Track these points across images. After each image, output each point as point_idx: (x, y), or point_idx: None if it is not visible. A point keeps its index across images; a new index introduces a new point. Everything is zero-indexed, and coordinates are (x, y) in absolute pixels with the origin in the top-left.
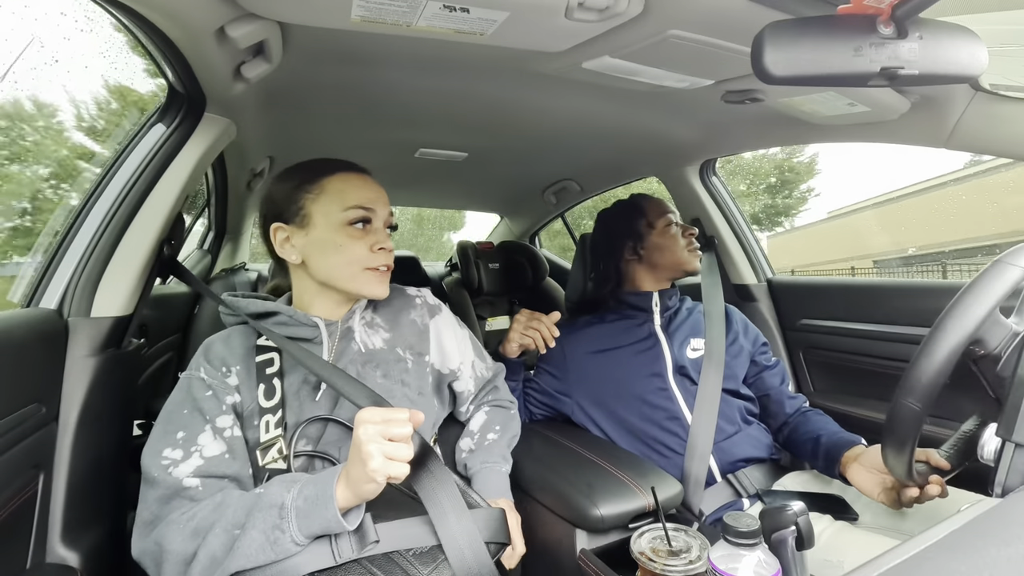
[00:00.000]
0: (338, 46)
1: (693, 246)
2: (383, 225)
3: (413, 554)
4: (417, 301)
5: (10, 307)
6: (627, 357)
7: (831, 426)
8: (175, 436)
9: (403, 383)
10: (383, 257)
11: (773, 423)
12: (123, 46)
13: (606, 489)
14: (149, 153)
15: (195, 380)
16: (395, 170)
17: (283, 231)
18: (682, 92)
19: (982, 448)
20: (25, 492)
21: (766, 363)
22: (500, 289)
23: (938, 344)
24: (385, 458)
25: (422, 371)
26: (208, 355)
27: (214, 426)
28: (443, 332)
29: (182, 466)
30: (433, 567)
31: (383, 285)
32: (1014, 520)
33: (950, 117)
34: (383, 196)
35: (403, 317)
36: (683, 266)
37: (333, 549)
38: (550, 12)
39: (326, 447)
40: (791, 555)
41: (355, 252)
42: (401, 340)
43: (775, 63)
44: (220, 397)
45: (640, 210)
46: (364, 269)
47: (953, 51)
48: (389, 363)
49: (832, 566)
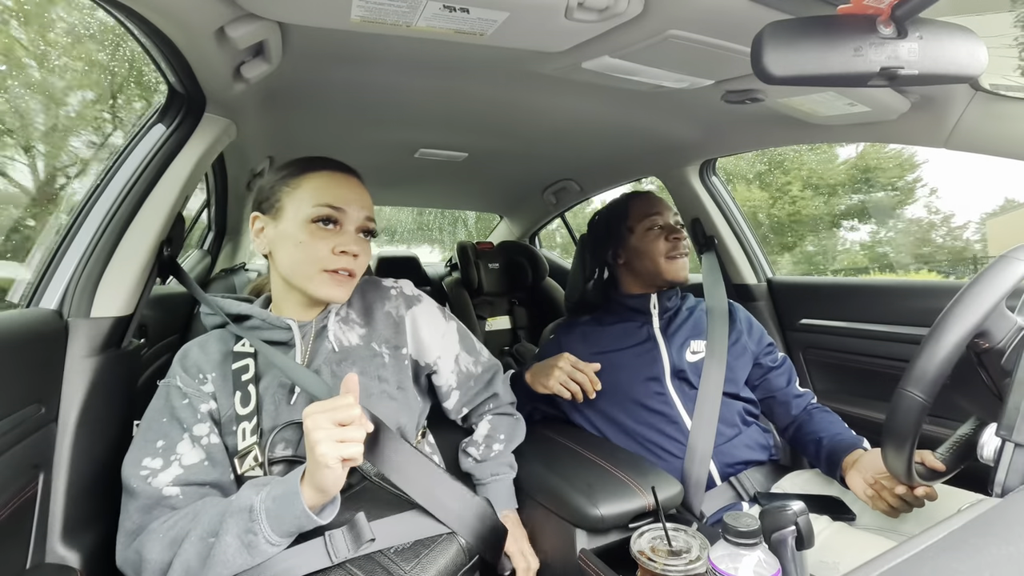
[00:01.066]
0: (338, 46)
1: (676, 251)
2: (355, 229)
3: (394, 551)
4: (392, 292)
5: (10, 307)
6: (625, 360)
7: (834, 427)
8: (154, 445)
9: (380, 379)
10: (344, 261)
11: (779, 423)
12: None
13: (606, 489)
14: (149, 153)
15: (172, 388)
16: (395, 170)
17: (260, 220)
18: (682, 92)
19: (982, 448)
20: (25, 492)
21: (772, 364)
22: (500, 289)
23: (945, 333)
24: (335, 442)
25: (400, 364)
26: (184, 363)
27: (192, 434)
28: (419, 323)
29: (161, 475)
30: (415, 562)
31: (340, 289)
32: (1014, 520)
33: (950, 117)
34: (361, 199)
35: (377, 310)
36: (661, 275)
37: (328, 550)
38: (550, 12)
39: (305, 451)
40: (791, 555)
41: (316, 251)
42: (376, 335)
43: (775, 63)
44: (195, 405)
45: (623, 212)
46: (322, 270)
47: (953, 51)
48: (365, 360)
49: (828, 567)
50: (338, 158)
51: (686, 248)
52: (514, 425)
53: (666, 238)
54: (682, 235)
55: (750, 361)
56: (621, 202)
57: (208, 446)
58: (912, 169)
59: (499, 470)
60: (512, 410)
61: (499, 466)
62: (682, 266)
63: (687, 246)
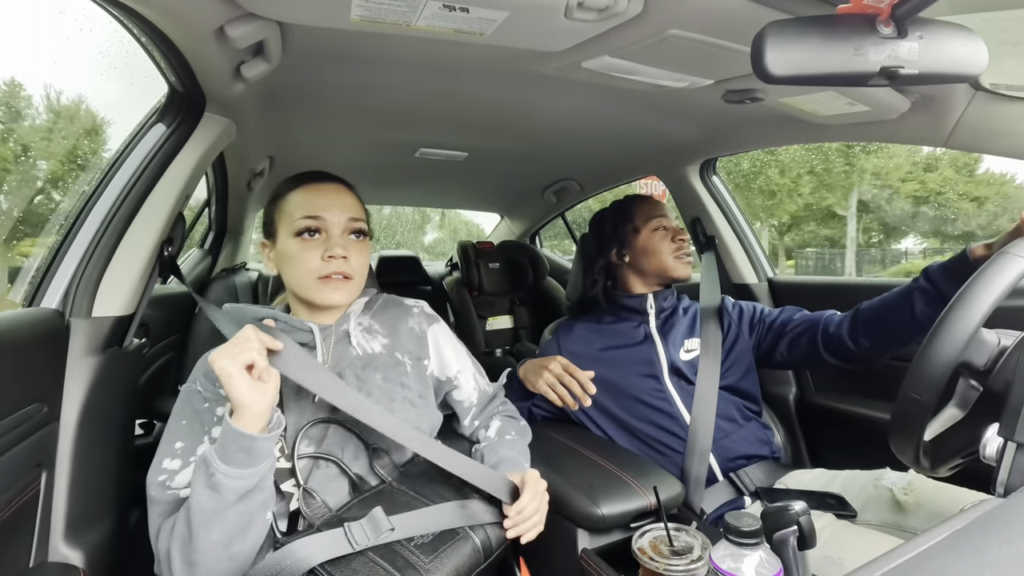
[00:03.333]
0: (338, 46)
1: (682, 251)
2: (341, 232)
3: (415, 545)
4: (415, 310)
5: (11, 307)
6: (623, 358)
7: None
8: (173, 447)
9: (403, 385)
10: (334, 265)
11: (841, 338)
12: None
13: (607, 489)
14: (149, 153)
15: (192, 392)
16: (395, 170)
17: (266, 246)
18: (682, 92)
19: (984, 448)
20: (28, 491)
21: (773, 318)
22: (500, 289)
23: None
24: (231, 357)
25: (422, 375)
26: (206, 367)
27: (211, 436)
28: (440, 340)
29: (179, 477)
30: (434, 556)
31: (338, 293)
32: (1016, 520)
33: (950, 116)
34: (340, 203)
35: (401, 325)
36: (668, 272)
37: (349, 538)
38: (550, 12)
39: (329, 448)
40: (793, 555)
41: (307, 262)
42: (399, 346)
43: (775, 63)
44: (214, 409)
45: (628, 213)
46: (316, 279)
47: (953, 50)
48: (388, 367)
49: (833, 563)
50: (337, 158)
51: (691, 249)
52: (523, 429)
53: (672, 239)
54: (686, 237)
55: (749, 350)
56: (626, 203)
57: None
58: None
59: (512, 453)
60: (519, 416)
61: (514, 450)
62: (686, 265)
63: (691, 248)
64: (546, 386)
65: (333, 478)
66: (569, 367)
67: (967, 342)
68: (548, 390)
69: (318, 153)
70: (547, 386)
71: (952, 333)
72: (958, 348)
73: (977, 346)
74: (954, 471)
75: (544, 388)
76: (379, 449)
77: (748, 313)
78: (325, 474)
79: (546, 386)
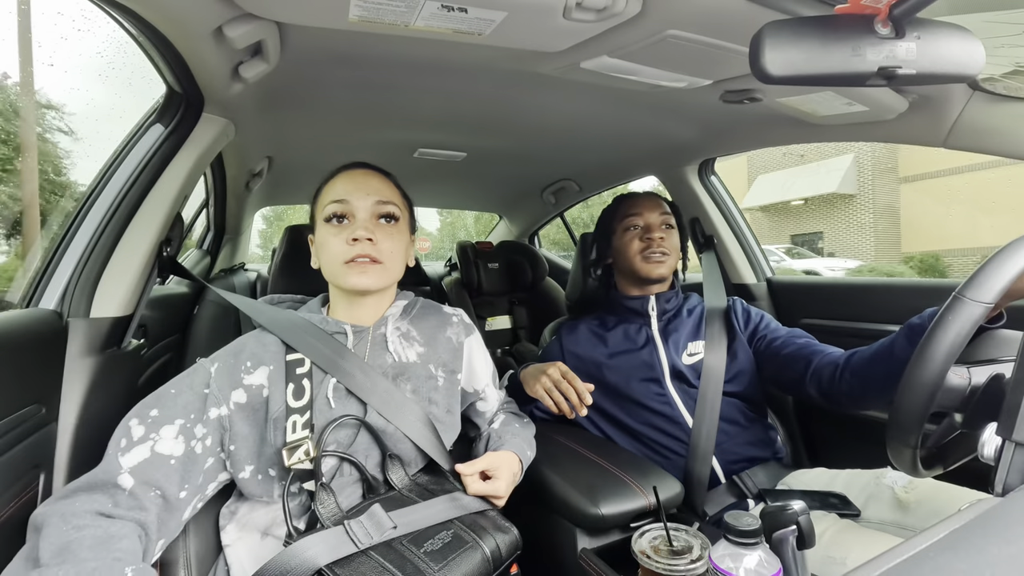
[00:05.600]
0: (336, 46)
1: (651, 249)
2: (369, 216)
3: (425, 551)
4: (454, 319)
5: (9, 307)
6: (625, 361)
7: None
8: (149, 412)
9: (431, 401)
10: (358, 248)
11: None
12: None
13: (607, 489)
14: (147, 153)
15: (203, 371)
16: (394, 170)
17: (311, 241)
18: (681, 92)
19: (982, 447)
20: (26, 493)
21: (776, 336)
22: (500, 289)
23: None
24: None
25: (453, 389)
26: (239, 353)
27: (185, 425)
28: (475, 352)
29: (131, 453)
30: (444, 564)
31: (364, 277)
32: (1015, 519)
33: (948, 116)
34: (368, 186)
35: (440, 334)
36: (637, 273)
37: (351, 536)
38: (548, 12)
39: (355, 451)
40: (792, 554)
41: (335, 248)
42: (435, 357)
43: (773, 63)
44: (209, 404)
45: (610, 213)
46: (343, 263)
47: (950, 51)
48: (420, 379)
49: (835, 563)
50: (336, 158)
51: (666, 247)
52: (527, 424)
53: (640, 238)
54: (663, 234)
55: (750, 356)
56: (614, 203)
57: (191, 450)
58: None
59: (517, 439)
60: (523, 414)
61: (518, 436)
62: (657, 264)
63: (671, 246)
64: (543, 391)
65: (352, 483)
66: (568, 374)
67: (932, 395)
68: (544, 395)
69: (317, 153)
70: (544, 391)
71: (916, 391)
72: (925, 402)
73: (946, 394)
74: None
75: (540, 393)
76: (395, 456)
77: (755, 320)
78: (348, 479)
79: (543, 391)
